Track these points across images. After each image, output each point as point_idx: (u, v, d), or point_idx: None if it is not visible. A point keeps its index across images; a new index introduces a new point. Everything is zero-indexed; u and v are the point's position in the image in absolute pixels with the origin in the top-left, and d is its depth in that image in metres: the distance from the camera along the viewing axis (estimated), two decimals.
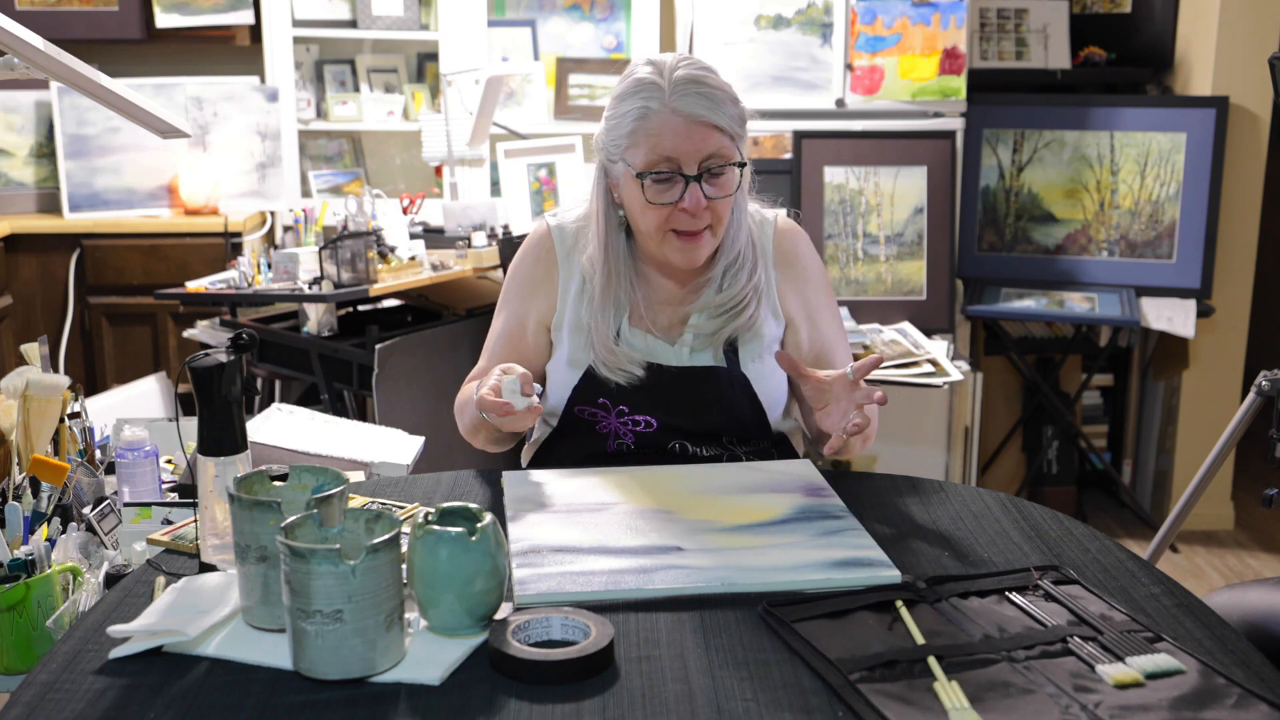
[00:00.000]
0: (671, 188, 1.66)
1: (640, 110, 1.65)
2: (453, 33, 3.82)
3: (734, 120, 1.66)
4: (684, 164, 1.64)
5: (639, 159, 1.66)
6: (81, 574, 1.53)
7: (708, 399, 1.75)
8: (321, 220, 3.57)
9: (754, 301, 1.76)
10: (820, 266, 1.87)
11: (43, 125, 3.89)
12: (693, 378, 1.76)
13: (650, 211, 1.68)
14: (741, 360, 1.77)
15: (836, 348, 1.84)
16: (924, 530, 1.48)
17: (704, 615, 1.25)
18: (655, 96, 1.64)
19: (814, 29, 3.49)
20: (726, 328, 1.76)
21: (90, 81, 1.85)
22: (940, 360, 3.06)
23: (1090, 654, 1.15)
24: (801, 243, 1.85)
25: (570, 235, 1.82)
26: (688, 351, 1.77)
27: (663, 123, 1.63)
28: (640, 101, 1.65)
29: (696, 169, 1.65)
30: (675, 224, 1.68)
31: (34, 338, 1.97)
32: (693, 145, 1.64)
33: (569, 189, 3.70)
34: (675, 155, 1.64)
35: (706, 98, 1.63)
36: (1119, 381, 4.07)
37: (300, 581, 1.09)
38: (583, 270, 1.79)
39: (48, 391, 1.78)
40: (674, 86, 1.63)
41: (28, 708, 1.08)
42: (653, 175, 1.65)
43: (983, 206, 3.80)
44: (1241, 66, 3.60)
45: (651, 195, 1.66)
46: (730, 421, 1.77)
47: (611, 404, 1.76)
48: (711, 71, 1.68)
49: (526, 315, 1.82)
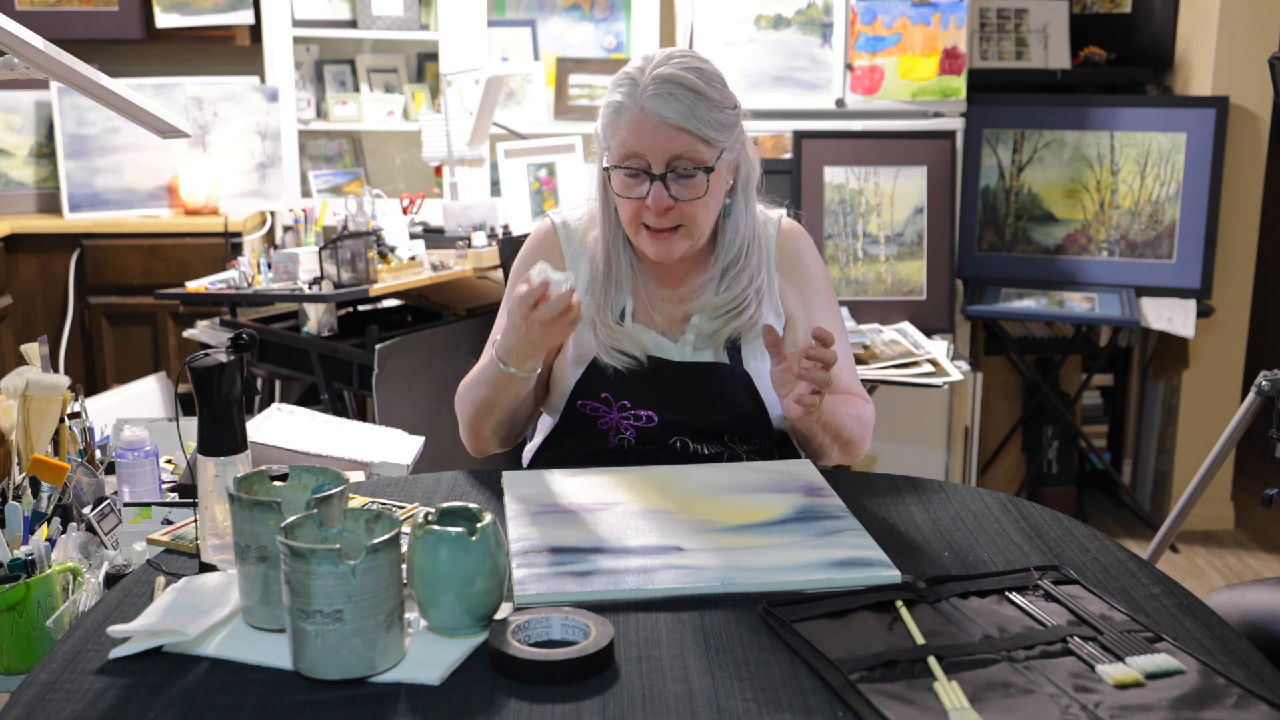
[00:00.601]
0: (639, 184, 1.67)
1: (617, 104, 1.67)
2: (453, 33, 3.82)
3: (709, 124, 1.65)
4: (651, 162, 1.65)
5: (613, 151, 1.68)
6: (81, 574, 1.53)
7: (710, 395, 1.76)
8: (321, 220, 3.57)
9: (755, 303, 1.77)
10: (823, 268, 1.87)
11: (43, 125, 3.89)
12: (695, 373, 1.76)
13: (623, 204, 1.71)
14: (745, 357, 1.77)
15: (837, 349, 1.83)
16: (924, 530, 1.48)
17: (704, 615, 1.25)
18: (630, 93, 1.65)
19: (814, 29, 3.49)
20: (727, 328, 1.76)
21: (90, 81, 1.85)
22: (940, 360, 3.06)
23: (1090, 654, 1.15)
24: (804, 244, 1.85)
25: (576, 231, 1.83)
26: (690, 349, 1.77)
27: (632, 119, 1.65)
28: (618, 95, 1.67)
29: (663, 168, 1.65)
30: (644, 219, 1.70)
31: (34, 338, 1.97)
32: (658, 144, 1.64)
33: (569, 189, 3.70)
34: (642, 152, 1.65)
35: (679, 100, 1.63)
36: (1119, 381, 4.07)
37: (300, 581, 1.09)
38: (590, 254, 1.80)
39: (48, 391, 1.78)
40: (649, 84, 1.64)
41: (28, 708, 1.08)
42: (622, 170, 1.67)
43: (983, 206, 3.80)
44: (1241, 66, 3.61)
45: (619, 188, 1.69)
46: (732, 418, 1.77)
47: (614, 398, 1.76)
48: (701, 71, 1.66)
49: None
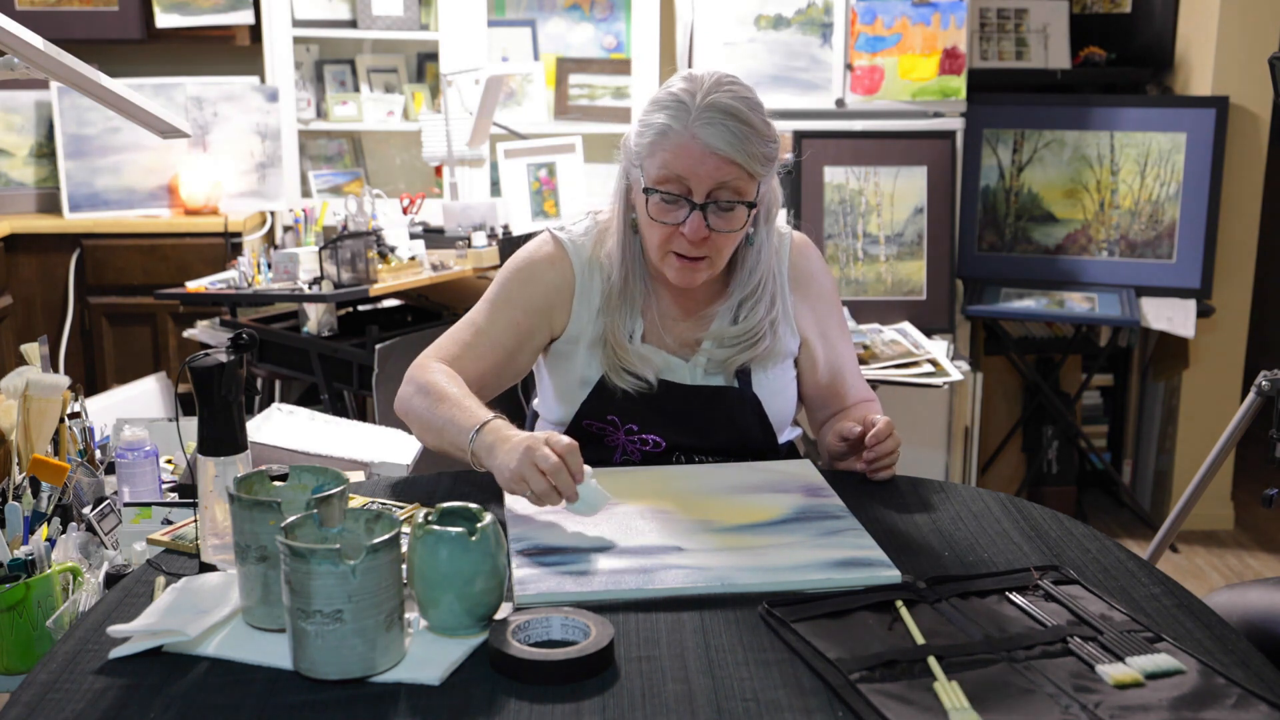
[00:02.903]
0: (676, 210, 1.63)
1: (664, 126, 1.61)
2: (453, 33, 3.82)
3: (756, 159, 1.61)
4: (693, 189, 1.62)
5: (651, 173, 1.63)
6: (81, 574, 1.53)
7: (718, 419, 1.74)
8: (321, 220, 3.57)
9: (770, 335, 1.75)
10: (833, 283, 1.87)
11: (43, 125, 3.89)
12: (703, 397, 1.74)
13: (654, 227, 1.66)
14: (754, 381, 1.76)
15: (847, 367, 1.85)
16: (924, 530, 1.48)
17: (704, 615, 1.25)
18: (680, 117, 1.60)
19: (814, 29, 3.48)
20: (740, 357, 1.74)
21: (90, 81, 1.85)
22: (940, 360, 3.06)
23: (1090, 654, 1.15)
24: (814, 259, 1.85)
25: (583, 248, 1.77)
26: (701, 372, 1.75)
27: (679, 144, 1.60)
28: (665, 117, 1.61)
29: (704, 197, 1.62)
30: (675, 245, 1.66)
31: (34, 338, 1.97)
32: (705, 173, 1.60)
33: (569, 189, 3.70)
34: (686, 178, 1.61)
35: (731, 131, 1.59)
36: (1119, 381, 4.07)
37: (300, 581, 1.09)
38: (602, 272, 1.75)
39: (48, 391, 1.78)
40: (700, 111, 1.59)
41: (28, 708, 1.08)
42: (660, 193, 1.63)
43: (983, 206, 3.80)
44: (1241, 66, 3.60)
45: (655, 212, 1.65)
46: (740, 442, 1.76)
47: (620, 421, 1.75)
48: (749, 101, 1.62)
49: (530, 332, 1.75)
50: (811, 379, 1.83)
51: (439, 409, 1.60)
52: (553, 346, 1.79)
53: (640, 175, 1.66)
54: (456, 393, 1.62)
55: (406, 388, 1.69)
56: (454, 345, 1.74)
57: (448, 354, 1.73)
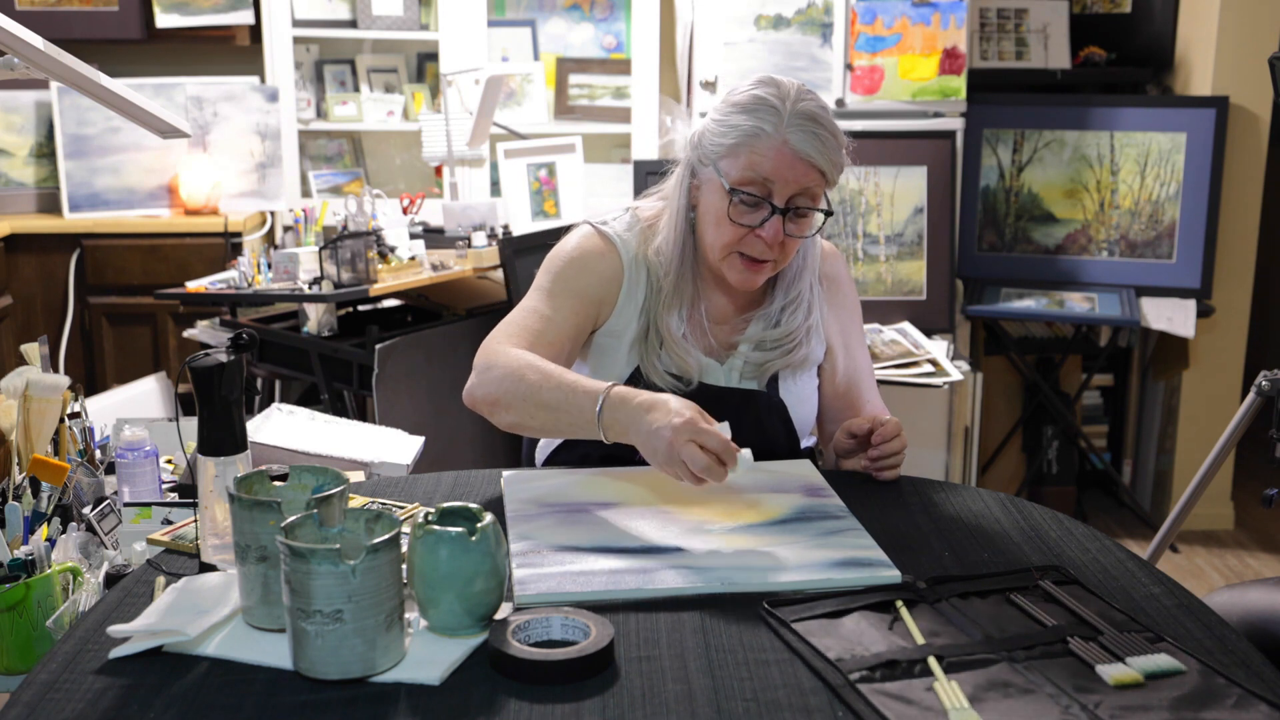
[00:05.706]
0: (755, 212, 1.65)
1: (754, 129, 1.62)
2: (453, 33, 3.82)
3: (836, 167, 1.65)
4: (776, 193, 1.64)
5: (734, 173, 1.64)
6: (81, 574, 1.53)
7: (746, 424, 1.74)
8: (321, 220, 3.57)
9: (806, 342, 1.77)
10: (855, 291, 1.89)
11: (43, 125, 3.89)
12: (735, 400, 1.75)
13: (726, 228, 1.66)
14: (781, 386, 1.77)
15: (865, 380, 1.87)
16: (924, 530, 1.48)
17: (704, 615, 1.25)
18: (772, 121, 1.62)
19: (814, 29, 3.49)
20: (775, 363, 1.76)
21: (90, 81, 1.85)
22: (940, 360, 3.06)
23: (1090, 654, 1.15)
24: (841, 267, 1.87)
25: (631, 244, 1.77)
26: (736, 375, 1.76)
27: (772, 148, 1.62)
28: (756, 120, 1.63)
29: (785, 202, 1.64)
30: (745, 248, 1.67)
31: (34, 338, 1.97)
32: (793, 178, 1.63)
33: (569, 189, 3.70)
34: (772, 181, 1.63)
35: (820, 139, 1.62)
36: (1119, 381, 4.07)
37: (300, 581, 1.09)
38: (649, 269, 1.75)
39: (48, 391, 1.78)
40: (793, 117, 1.62)
41: (28, 708, 1.08)
42: (742, 194, 1.64)
43: (983, 206, 3.80)
44: (1241, 66, 3.60)
45: (734, 214, 1.65)
46: (764, 446, 1.75)
47: None
48: (828, 110, 1.66)
49: (588, 321, 1.75)
50: (830, 387, 1.85)
51: (550, 382, 1.57)
52: (593, 339, 1.79)
53: (715, 174, 1.66)
54: (559, 369, 1.59)
55: (490, 373, 1.62)
56: (525, 334, 1.69)
57: (522, 343, 1.68)
